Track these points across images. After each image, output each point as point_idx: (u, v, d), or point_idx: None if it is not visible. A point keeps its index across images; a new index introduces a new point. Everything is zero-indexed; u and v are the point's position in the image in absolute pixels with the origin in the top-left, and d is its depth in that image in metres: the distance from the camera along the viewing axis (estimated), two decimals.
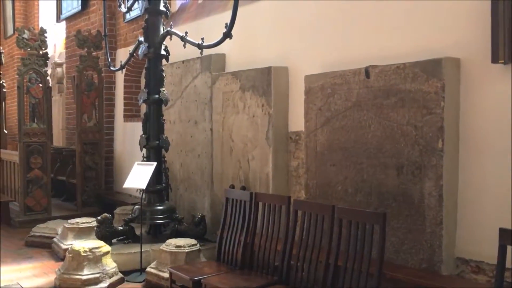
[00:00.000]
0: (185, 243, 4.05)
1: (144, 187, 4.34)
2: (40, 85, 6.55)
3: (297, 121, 4.22)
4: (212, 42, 4.26)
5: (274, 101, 4.29)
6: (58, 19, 9.17)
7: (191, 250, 4.01)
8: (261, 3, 4.75)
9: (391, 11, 3.47)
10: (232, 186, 4.56)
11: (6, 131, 8.45)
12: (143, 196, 4.69)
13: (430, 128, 3.02)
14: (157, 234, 4.83)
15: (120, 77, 7.39)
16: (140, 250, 4.25)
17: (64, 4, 8.68)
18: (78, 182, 6.91)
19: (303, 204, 3.21)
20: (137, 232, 4.57)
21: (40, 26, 9.97)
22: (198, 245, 4.14)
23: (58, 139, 9.22)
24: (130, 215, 4.82)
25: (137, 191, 5.10)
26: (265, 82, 4.35)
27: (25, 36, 6.44)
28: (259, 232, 3.50)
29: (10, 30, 11.74)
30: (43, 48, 6.57)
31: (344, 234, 2.81)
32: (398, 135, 3.21)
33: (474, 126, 2.97)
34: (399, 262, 3.19)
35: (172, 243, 4.05)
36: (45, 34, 6.63)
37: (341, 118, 3.62)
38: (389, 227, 3.05)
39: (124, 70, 5.82)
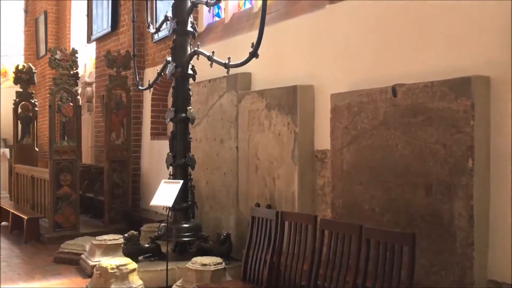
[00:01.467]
0: (210, 261, 4.05)
1: (170, 205, 4.37)
2: (71, 104, 6.72)
3: (323, 140, 4.20)
4: (239, 62, 4.31)
5: (300, 120, 4.30)
6: (89, 40, 9.44)
7: (216, 268, 4.01)
8: (286, 23, 4.80)
9: (418, 29, 3.46)
10: (258, 205, 4.55)
11: (37, 149, 8.67)
12: (169, 213, 4.73)
13: (459, 147, 2.97)
14: (183, 252, 4.84)
15: (147, 96, 7.53)
16: (166, 268, 4.27)
17: (94, 25, 8.94)
18: (106, 199, 7.01)
19: (330, 224, 3.18)
20: (163, 249, 4.59)
21: (71, 47, 10.29)
22: (223, 263, 4.13)
23: (87, 157, 9.40)
24: (156, 233, 4.85)
25: (163, 209, 5.15)
26: (290, 100, 4.37)
27: (57, 56, 6.64)
28: (285, 251, 3.47)
29: (42, 51, 12.13)
30: (74, 68, 6.75)
31: (372, 255, 2.76)
32: (426, 154, 3.17)
33: (506, 145, 2.90)
34: (429, 284, 3.11)
35: (198, 261, 4.06)
36: (76, 55, 6.82)
37: (368, 136, 3.60)
38: (418, 248, 2.98)
39: (151, 89, 5.93)
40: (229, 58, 4.46)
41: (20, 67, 8.52)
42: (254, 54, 4.13)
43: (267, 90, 4.68)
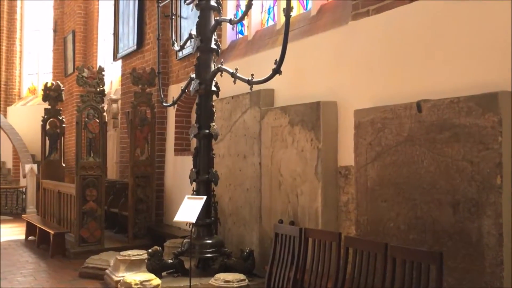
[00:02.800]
0: (233, 278, 4.04)
1: (194, 220, 4.38)
2: (97, 120, 6.85)
3: (346, 156, 4.18)
4: (262, 78, 4.34)
5: (323, 136, 4.28)
6: (115, 58, 9.65)
7: (239, 285, 3.99)
8: (309, 39, 4.83)
9: (443, 44, 3.43)
10: (281, 221, 4.53)
11: (64, 165, 8.85)
12: (193, 229, 4.74)
13: (487, 164, 2.91)
14: (206, 268, 4.84)
15: (171, 112, 7.63)
16: (189, 284, 4.27)
17: (121, 44, 9.14)
18: (130, 214, 7.08)
19: (354, 241, 3.14)
20: (186, 265, 4.60)
21: (98, 65, 10.54)
22: (246, 280, 4.11)
23: (112, 172, 9.54)
24: (179, 248, 4.87)
25: (186, 225, 5.17)
26: (314, 116, 4.36)
27: (85, 74, 6.80)
28: (309, 269, 3.44)
29: (70, 69, 12.45)
30: (101, 86, 6.90)
31: (398, 274, 2.72)
32: (453, 171, 3.12)
33: None
34: None
35: (221, 278, 4.04)
36: (103, 73, 6.97)
37: (392, 153, 3.56)
38: (445, 267, 2.91)
39: (175, 105, 6.01)
40: (252, 75, 4.49)
41: (49, 84, 8.75)
42: (277, 71, 4.15)
43: (290, 106, 4.69)
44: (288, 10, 3.80)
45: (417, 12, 3.63)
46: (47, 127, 8.59)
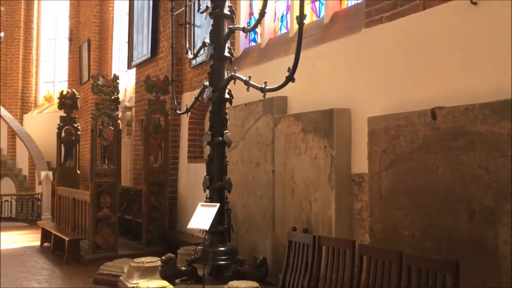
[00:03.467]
0: (247, 285, 4.03)
1: (207, 228, 4.39)
2: (112, 128, 6.91)
3: (360, 163, 4.16)
4: (275, 86, 4.34)
5: (337, 143, 4.27)
6: (129, 66, 9.76)
7: None
8: (322, 47, 4.83)
9: (457, 51, 3.41)
10: (294, 229, 4.52)
11: (79, 172, 8.94)
12: (206, 236, 4.74)
13: (503, 171, 2.88)
14: (219, 276, 4.83)
15: (185, 119, 7.67)
16: None
17: (135, 52, 9.24)
18: (144, 221, 7.11)
19: (368, 249, 3.12)
20: (200, 272, 4.60)
21: (113, 73, 10.66)
22: None
23: (126, 179, 9.60)
24: (193, 256, 4.87)
25: (200, 232, 5.17)
26: (327, 124, 4.36)
27: (100, 82, 6.88)
28: (322, 277, 3.42)
29: (85, 77, 12.61)
30: (115, 94, 6.97)
31: (413, 283, 2.69)
32: (468, 179, 3.08)
33: None
34: None
35: (234, 285, 4.03)
36: (118, 81, 7.05)
37: (407, 160, 3.54)
38: (461, 276, 2.88)
39: (189, 113, 6.04)
40: (265, 83, 4.50)
41: (64, 92, 8.87)
42: (290, 78, 4.15)
43: (303, 113, 4.69)
44: (301, 18, 3.81)
45: (431, 19, 3.62)
46: (63, 134, 8.69)
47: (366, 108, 4.11)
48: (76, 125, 8.81)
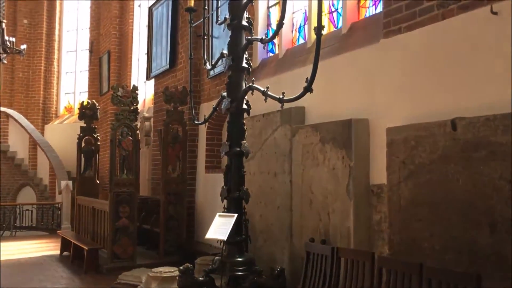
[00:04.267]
0: None
1: (225, 238, 4.39)
2: (131, 138, 6.99)
3: (379, 174, 4.13)
4: (293, 96, 4.34)
5: (355, 154, 4.25)
6: (148, 77, 9.88)
7: None
8: (340, 57, 4.83)
9: (477, 61, 3.38)
10: (312, 240, 4.49)
11: (98, 181, 9.04)
12: (224, 247, 4.74)
13: None
14: (236, 286, 4.81)
15: (203, 130, 7.72)
16: None
17: (154, 63, 9.36)
18: (162, 231, 7.14)
19: (388, 261, 3.09)
20: (217, 283, 4.59)
21: (132, 84, 10.80)
22: None
23: (144, 189, 9.67)
24: (210, 266, 4.86)
25: (217, 242, 5.17)
26: (345, 134, 4.34)
27: (119, 93, 6.97)
28: None
29: (105, 88, 12.79)
30: (134, 104, 7.05)
31: None
32: (490, 190, 3.03)
33: None
34: None
35: None
36: (137, 91, 7.13)
37: (426, 171, 3.50)
38: None
39: (207, 123, 6.07)
40: (283, 93, 4.50)
41: (85, 103, 9.00)
42: (308, 89, 4.14)
43: (321, 124, 4.68)
44: (319, 28, 3.81)
45: (450, 29, 3.60)
46: (83, 144, 8.81)
47: (384, 119, 4.09)
48: (96, 135, 8.93)
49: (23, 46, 11.29)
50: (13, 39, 11.34)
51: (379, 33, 4.37)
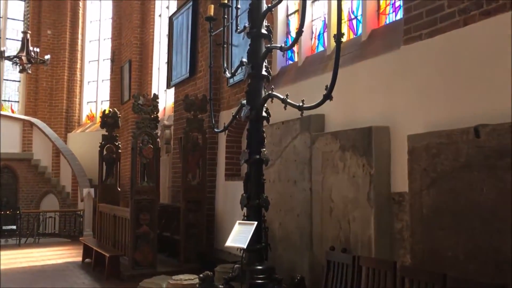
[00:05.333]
0: None
1: (245, 246, 4.38)
2: (151, 146, 7.05)
3: (400, 182, 4.08)
4: (313, 104, 4.33)
5: (376, 161, 4.21)
6: (168, 86, 9.98)
7: None
8: (360, 64, 4.81)
9: (500, 67, 3.32)
10: (332, 248, 4.45)
11: (119, 189, 9.13)
12: (243, 255, 4.73)
13: None
14: None
15: (222, 138, 7.75)
16: None
17: (174, 72, 9.46)
18: (182, 238, 7.17)
19: (410, 271, 3.04)
20: None
21: (153, 92, 10.92)
22: None
23: (164, 197, 9.73)
24: (230, 274, 4.86)
25: (237, 250, 5.17)
26: (365, 141, 4.31)
27: (140, 102, 7.05)
28: None
29: (126, 97, 12.96)
30: (155, 113, 7.12)
31: None
32: None
33: None
34: None
35: None
36: (157, 100, 7.21)
37: (449, 179, 3.44)
38: None
39: (226, 131, 6.09)
40: (303, 101, 4.50)
41: (106, 112, 9.13)
42: (328, 96, 4.13)
43: (341, 131, 4.66)
44: (339, 36, 3.80)
45: (472, 35, 3.55)
46: (104, 152, 8.92)
47: (405, 126, 4.04)
48: (117, 144, 9.04)
49: (47, 56, 11.54)
50: (38, 50, 11.60)
51: (399, 40, 4.33)
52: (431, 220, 3.56)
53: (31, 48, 11.14)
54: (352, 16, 5.73)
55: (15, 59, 11.16)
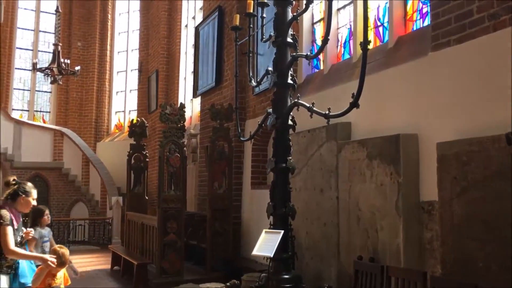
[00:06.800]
0: None
1: (271, 255, 4.37)
2: (178, 155, 7.11)
3: (429, 190, 4.01)
4: (339, 112, 4.31)
5: (404, 169, 4.15)
6: (195, 95, 10.09)
7: None
8: (387, 71, 4.77)
9: None
10: (360, 257, 4.40)
11: (147, 197, 9.24)
12: (270, 263, 4.71)
13: None
14: None
15: (248, 146, 7.77)
16: None
17: (200, 81, 9.56)
18: (208, 246, 7.19)
19: (441, 282, 2.98)
20: None
21: (179, 101, 11.05)
22: None
23: (191, 205, 9.80)
24: (257, 283, 4.85)
25: (264, 258, 5.16)
26: (393, 149, 4.25)
27: (167, 111, 7.13)
28: None
29: (153, 106, 13.15)
30: (182, 122, 7.20)
31: None
32: None
33: None
34: None
35: None
36: (184, 109, 7.28)
37: (480, 188, 3.37)
38: None
39: (252, 140, 6.10)
40: (329, 109, 4.48)
41: (134, 121, 9.27)
42: (355, 104, 4.10)
43: (368, 139, 4.62)
44: (365, 43, 3.78)
45: (501, 40, 3.49)
46: (132, 161, 9.04)
47: (434, 133, 3.98)
48: (145, 152, 9.15)
49: (77, 68, 11.81)
50: (68, 61, 11.90)
51: (427, 46, 4.28)
52: (462, 230, 3.49)
53: (62, 60, 11.42)
54: (379, 23, 5.69)
55: (46, 70, 11.45)
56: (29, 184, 4.03)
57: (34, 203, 4.03)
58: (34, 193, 3.99)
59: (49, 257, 3.86)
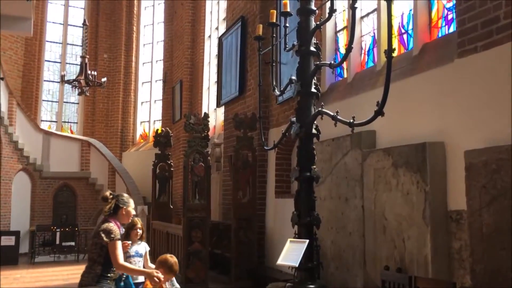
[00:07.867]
0: None
1: (297, 264, 4.34)
2: (202, 164, 7.16)
3: (457, 199, 3.93)
4: (363, 120, 4.28)
5: (430, 178, 4.09)
6: (218, 104, 10.16)
7: None
8: (412, 79, 4.72)
9: None
10: (387, 267, 4.34)
11: (172, 206, 9.32)
12: (295, 273, 4.69)
13: None
14: None
15: (272, 155, 7.77)
16: None
17: (223, 91, 9.63)
18: (233, 256, 7.20)
19: None
20: None
21: (203, 111, 11.15)
22: None
23: (215, 214, 9.83)
24: None
25: (289, 268, 5.13)
26: (419, 158, 4.20)
27: (192, 121, 7.21)
28: None
29: (177, 116, 13.29)
30: (206, 131, 7.26)
31: None
32: None
33: None
34: None
35: None
36: (208, 119, 7.34)
37: (510, 196, 3.29)
38: None
39: (276, 149, 6.10)
40: (353, 117, 4.46)
41: (159, 131, 9.39)
42: (379, 112, 4.07)
43: (394, 147, 4.57)
44: (389, 50, 3.75)
45: None
46: (157, 171, 9.14)
47: (461, 141, 3.92)
48: (169, 162, 9.24)
49: (104, 79, 12.05)
50: (95, 73, 12.16)
51: (453, 53, 4.23)
52: (492, 239, 3.41)
53: (89, 72, 11.68)
54: (403, 30, 5.65)
55: (74, 82, 11.73)
56: (126, 195, 4.11)
57: (134, 212, 4.13)
58: (132, 203, 4.06)
59: (155, 272, 3.90)
